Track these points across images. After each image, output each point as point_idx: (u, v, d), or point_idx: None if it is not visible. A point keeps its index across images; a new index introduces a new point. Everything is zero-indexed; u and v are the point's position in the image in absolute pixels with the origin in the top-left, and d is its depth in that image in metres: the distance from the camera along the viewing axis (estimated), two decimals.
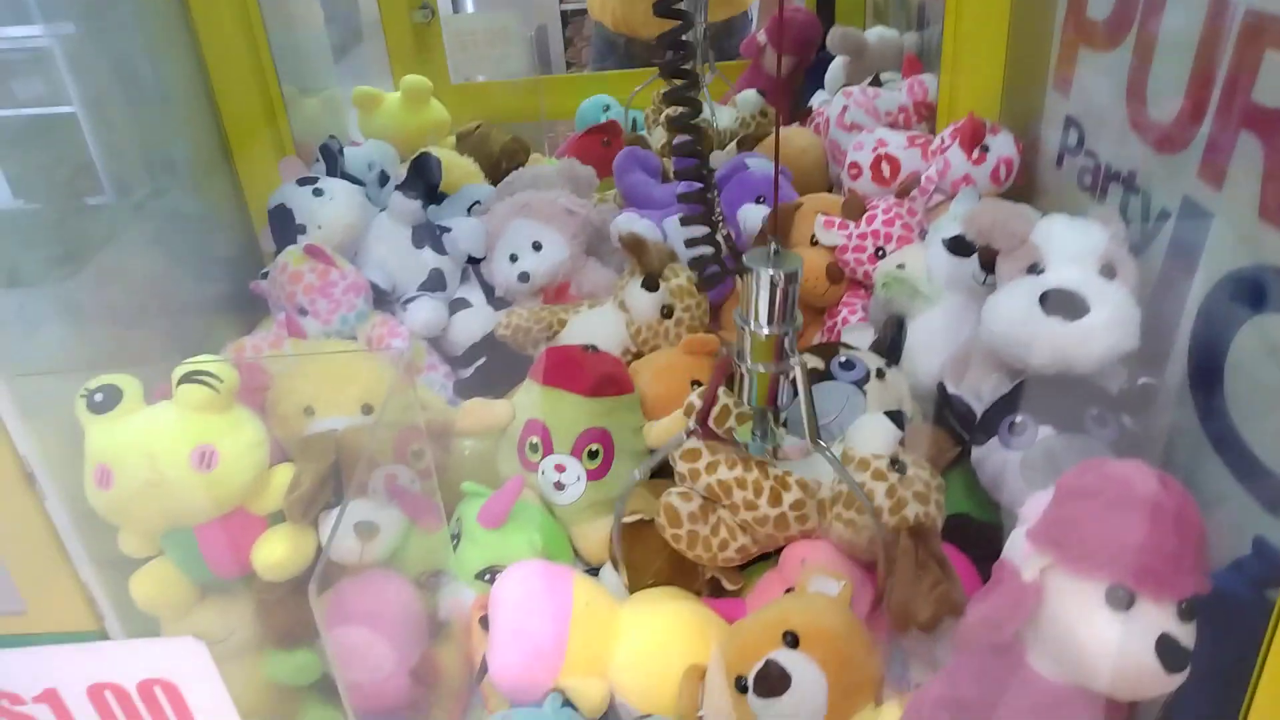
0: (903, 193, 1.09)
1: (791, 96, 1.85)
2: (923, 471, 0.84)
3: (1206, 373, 0.82)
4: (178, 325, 1.13)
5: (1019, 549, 0.64)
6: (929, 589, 0.71)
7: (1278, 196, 0.71)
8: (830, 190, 1.29)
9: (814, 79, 1.78)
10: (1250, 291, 0.77)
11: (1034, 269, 0.87)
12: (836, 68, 1.53)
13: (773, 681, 0.69)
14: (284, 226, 1.15)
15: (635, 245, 1.08)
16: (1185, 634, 0.57)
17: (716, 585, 0.87)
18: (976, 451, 0.87)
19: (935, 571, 0.73)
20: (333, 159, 1.22)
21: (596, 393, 0.95)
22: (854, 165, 1.14)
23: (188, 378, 0.81)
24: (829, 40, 1.51)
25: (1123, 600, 0.57)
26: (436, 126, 1.63)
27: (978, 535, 0.86)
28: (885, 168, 1.11)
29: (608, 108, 1.88)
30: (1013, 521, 0.76)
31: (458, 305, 1.21)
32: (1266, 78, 0.72)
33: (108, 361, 1.02)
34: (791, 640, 0.71)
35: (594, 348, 1.00)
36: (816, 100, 1.66)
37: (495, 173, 1.55)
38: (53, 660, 0.53)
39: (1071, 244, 0.87)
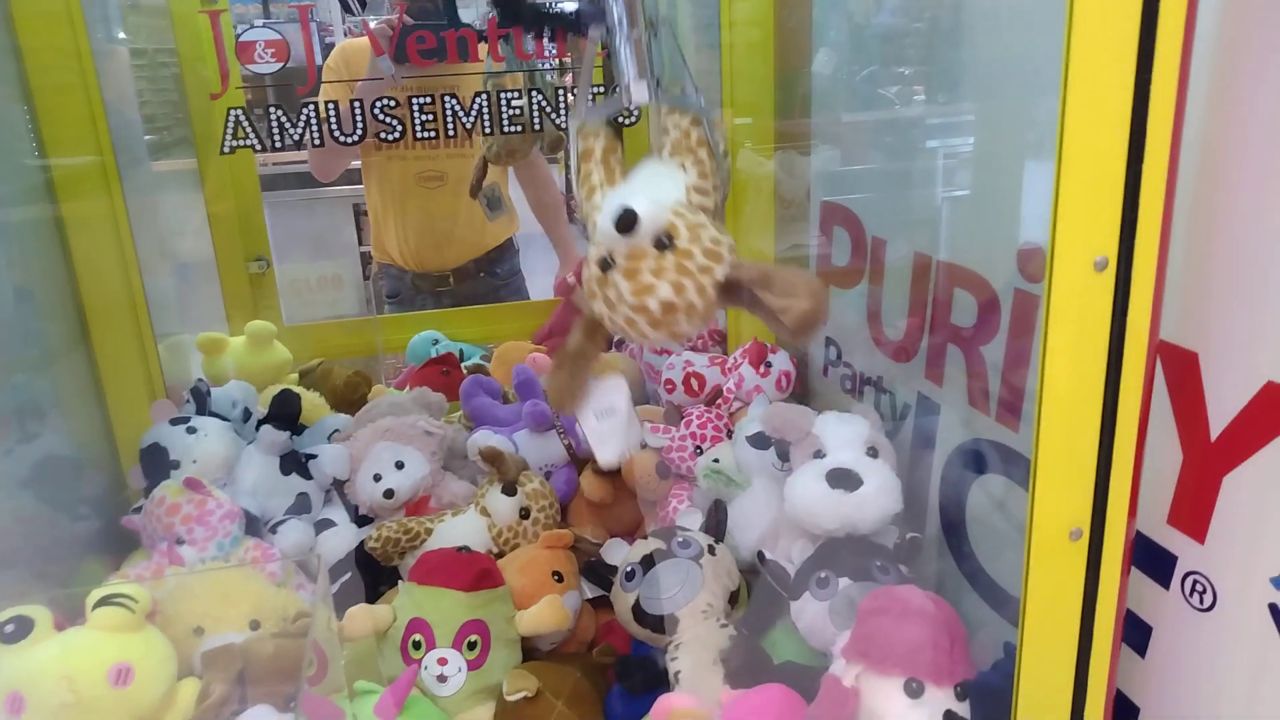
0: (710, 402, 1.33)
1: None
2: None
3: (954, 525, 1.08)
4: (48, 563, 1.17)
5: (839, 668, 0.83)
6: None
7: (979, 390, 1.00)
8: (648, 403, 1.52)
9: None
10: (973, 460, 1.04)
11: (818, 454, 1.12)
12: None
13: None
14: (157, 464, 1.23)
15: (494, 457, 1.25)
16: (963, 709, 0.77)
17: None
18: (794, 605, 1.07)
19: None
20: (202, 399, 1.32)
21: (475, 587, 1.08)
22: (669, 382, 1.38)
23: (105, 600, 0.89)
24: None
25: (916, 689, 0.77)
26: (279, 366, 1.76)
27: (804, 676, 1.04)
28: (694, 382, 1.36)
29: (437, 341, 2.07)
30: (829, 659, 0.96)
31: (322, 525, 1.31)
32: (958, 308, 1.02)
33: None
34: None
35: (467, 548, 1.14)
36: None
37: (340, 404, 1.68)
38: None
39: (843, 433, 1.12)
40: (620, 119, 1.07)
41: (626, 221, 0.89)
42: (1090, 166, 0.71)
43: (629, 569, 1.12)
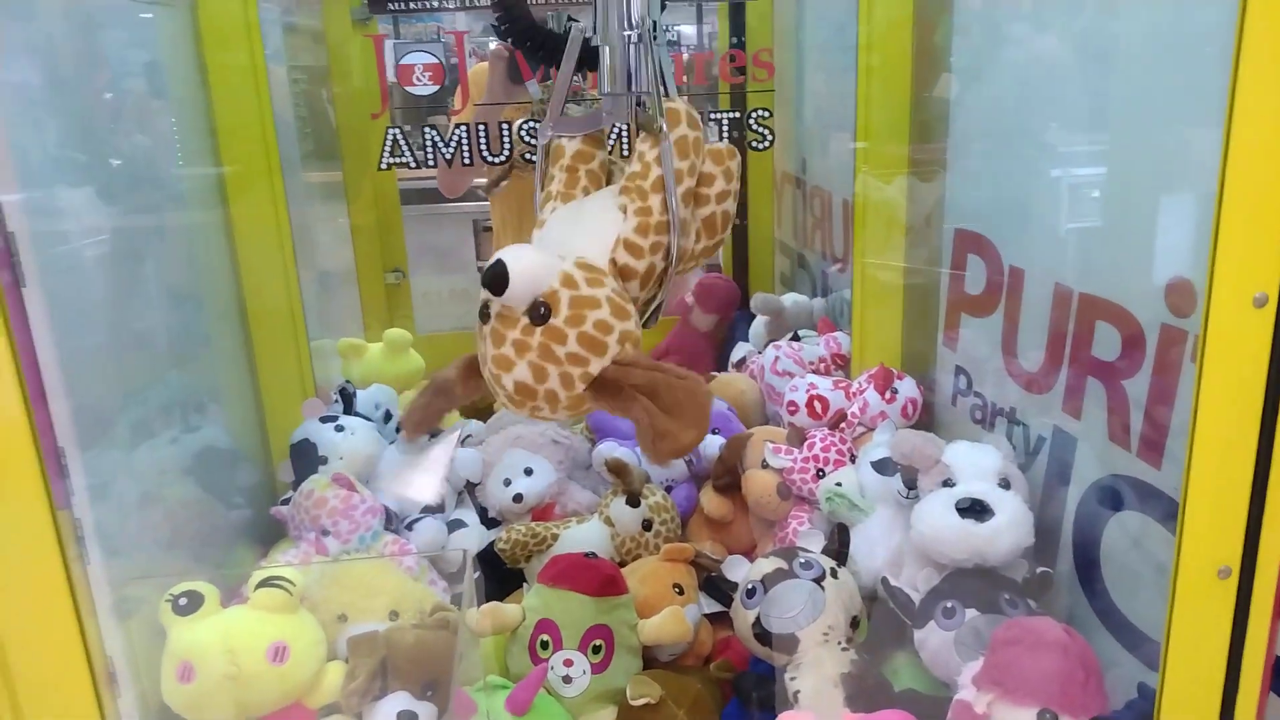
0: (833, 425, 1.34)
1: (716, 348, 2.15)
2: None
3: (1087, 562, 1.06)
4: (205, 547, 1.25)
5: (969, 695, 0.83)
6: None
7: (1120, 425, 0.98)
8: (767, 423, 1.54)
9: (734, 334, 2.09)
10: (1111, 496, 1.02)
11: (947, 483, 1.11)
12: (759, 326, 1.84)
13: None
14: (306, 458, 1.31)
15: (619, 468, 1.28)
16: None
17: None
18: (918, 634, 1.07)
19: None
20: (349, 399, 1.40)
21: (601, 593, 1.11)
22: (791, 404, 1.39)
23: (265, 582, 0.95)
24: (753, 304, 1.82)
25: None
26: (413, 373, 1.84)
27: (925, 705, 1.04)
28: (818, 405, 1.37)
29: None
30: (953, 689, 0.95)
31: (454, 525, 1.36)
32: (1099, 340, 1.01)
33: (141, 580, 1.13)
34: None
35: (594, 555, 1.17)
36: (739, 352, 1.95)
37: (467, 412, 1.75)
38: None
39: (974, 463, 1.11)
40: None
41: (494, 280, 0.76)
42: (1252, 201, 0.70)
43: (750, 586, 1.14)
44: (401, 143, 1.32)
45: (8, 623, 0.73)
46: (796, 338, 1.70)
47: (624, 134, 1.30)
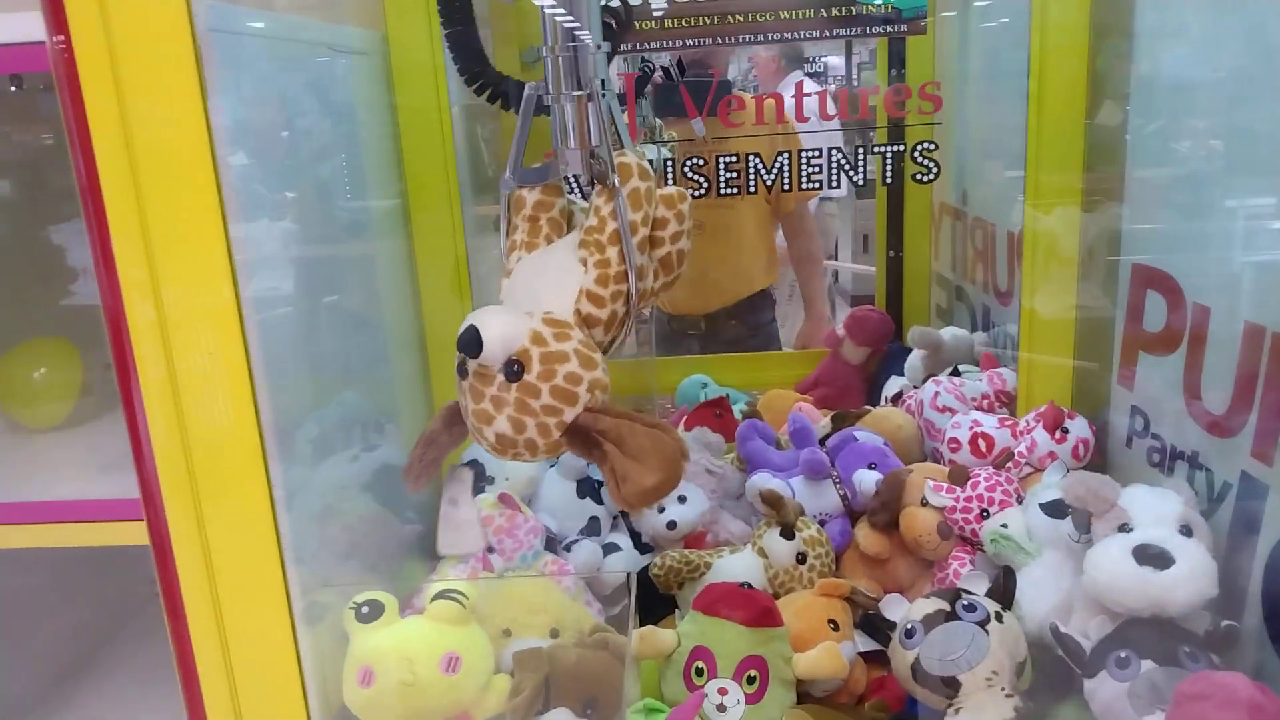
0: (1000, 465, 1.30)
1: (867, 382, 2.12)
2: None
3: (1278, 617, 0.99)
4: (379, 559, 1.33)
5: None
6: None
7: None
8: (925, 459, 1.51)
9: (887, 368, 2.06)
10: None
11: (1123, 528, 1.06)
12: (915, 360, 1.80)
13: None
14: (474, 478, 1.37)
15: (774, 500, 1.29)
16: None
17: None
18: (1089, 684, 1.02)
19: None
20: None
21: (757, 624, 1.11)
22: (954, 440, 1.36)
23: (441, 595, 1.01)
24: (910, 337, 1.79)
25: None
26: None
27: None
28: (982, 443, 1.33)
29: (705, 385, 2.15)
30: None
31: (609, 549, 1.40)
32: None
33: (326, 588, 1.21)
34: None
35: (750, 585, 1.18)
36: (893, 387, 1.91)
37: None
38: None
39: (1154, 508, 1.06)
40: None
41: (468, 344, 0.83)
42: None
43: (910, 626, 1.12)
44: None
45: (234, 619, 0.80)
46: (956, 373, 1.66)
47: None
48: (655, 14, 1.53)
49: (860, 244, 6.57)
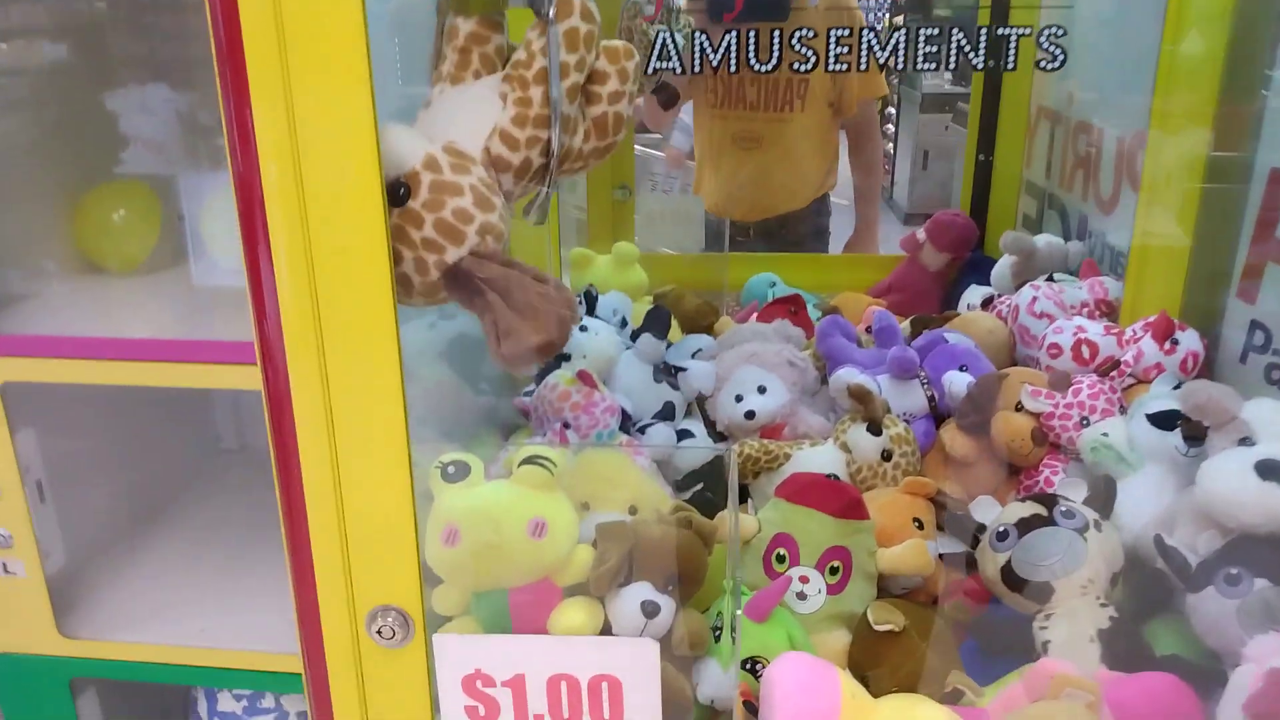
0: (1103, 373, 1.25)
1: (944, 289, 2.05)
2: None
3: None
4: (453, 428, 1.31)
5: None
6: None
7: None
8: (1015, 364, 1.45)
9: (965, 276, 1.98)
10: None
11: (1244, 441, 1.01)
12: (1004, 267, 1.73)
13: None
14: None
15: (863, 395, 1.24)
16: None
17: (956, 697, 0.97)
18: (1191, 598, 0.98)
19: None
20: (592, 302, 1.42)
21: (844, 515, 1.08)
22: (1054, 346, 1.30)
23: (529, 460, 0.98)
24: (1002, 242, 1.71)
25: None
26: (637, 286, 1.85)
27: (1192, 673, 0.96)
28: (1085, 350, 1.27)
29: (774, 284, 2.09)
30: (1226, 660, 0.88)
31: (682, 435, 1.36)
32: None
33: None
34: None
35: (836, 477, 1.15)
36: (973, 295, 1.84)
37: (688, 329, 1.75)
38: (526, 649, 0.67)
39: (1279, 423, 1.01)
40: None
41: None
42: None
43: (1002, 529, 1.08)
44: (670, 45, 1.31)
45: (352, 473, 0.77)
46: (1050, 279, 1.59)
47: None
48: None
49: (920, 160, 6.39)
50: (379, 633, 0.82)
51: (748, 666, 1.01)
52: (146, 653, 1.10)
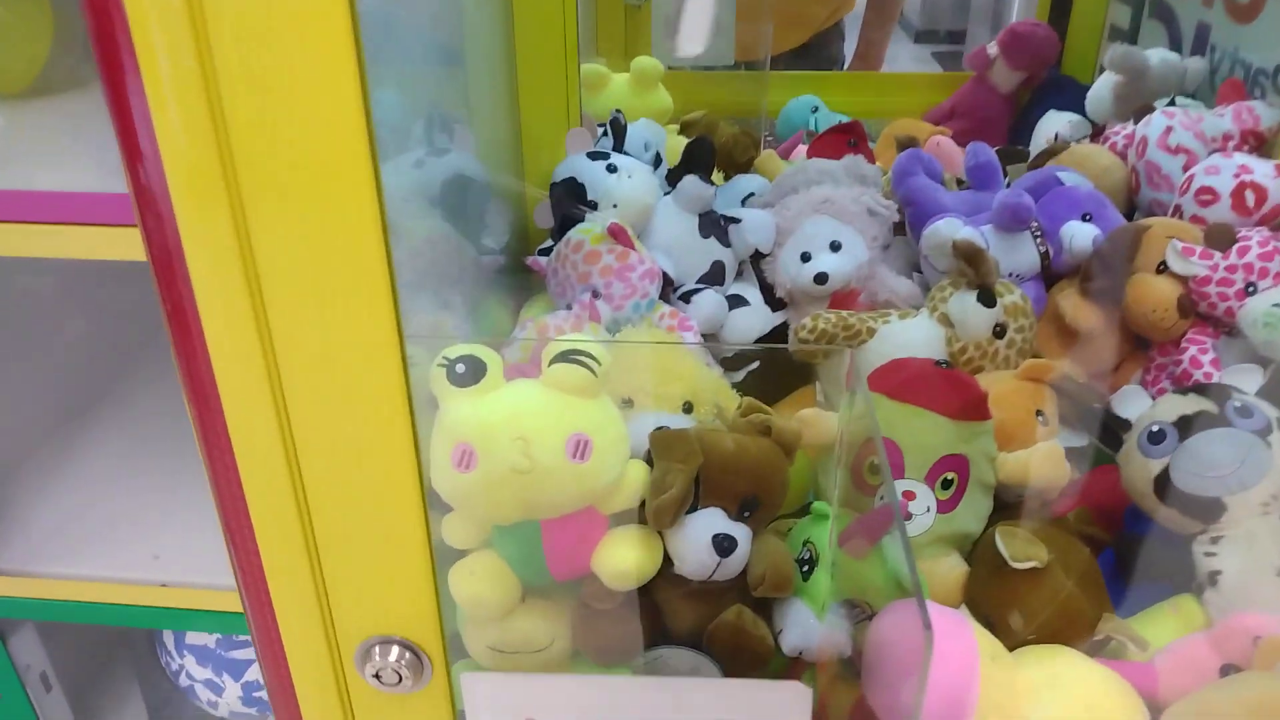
0: (1276, 226, 0.99)
1: (1013, 115, 1.76)
2: None
3: None
4: (452, 293, 1.05)
5: None
6: None
7: None
8: (1133, 215, 1.19)
9: (1040, 100, 1.69)
10: None
11: None
12: (1104, 90, 1.43)
13: None
14: (571, 202, 1.06)
15: (974, 254, 0.98)
16: None
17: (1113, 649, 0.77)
18: None
19: None
20: (621, 134, 1.13)
21: (964, 416, 0.85)
22: (1207, 190, 1.03)
23: (564, 357, 0.73)
24: (1108, 58, 1.41)
25: None
26: (661, 112, 1.55)
27: None
28: (1250, 196, 1.01)
29: (816, 109, 1.79)
30: None
31: (734, 302, 1.11)
32: None
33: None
34: None
35: (948, 363, 0.91)
36: (1053, 123, 1.56)
37: (723, 166, 1.46)
38: (614, 694, 0.44)
39: None
40: None
41: None
42: None
43: (1157, 428, 0.85)
44: None
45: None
46: (1150, 109, 1.30)
47: None
48: None
49: None
50: (377, 676, 0.58)
51: (844, 612, 0.80)
52: (86, 590, 0.88)
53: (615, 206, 1.05)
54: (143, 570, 0.87)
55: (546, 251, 1.08)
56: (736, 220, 1.11)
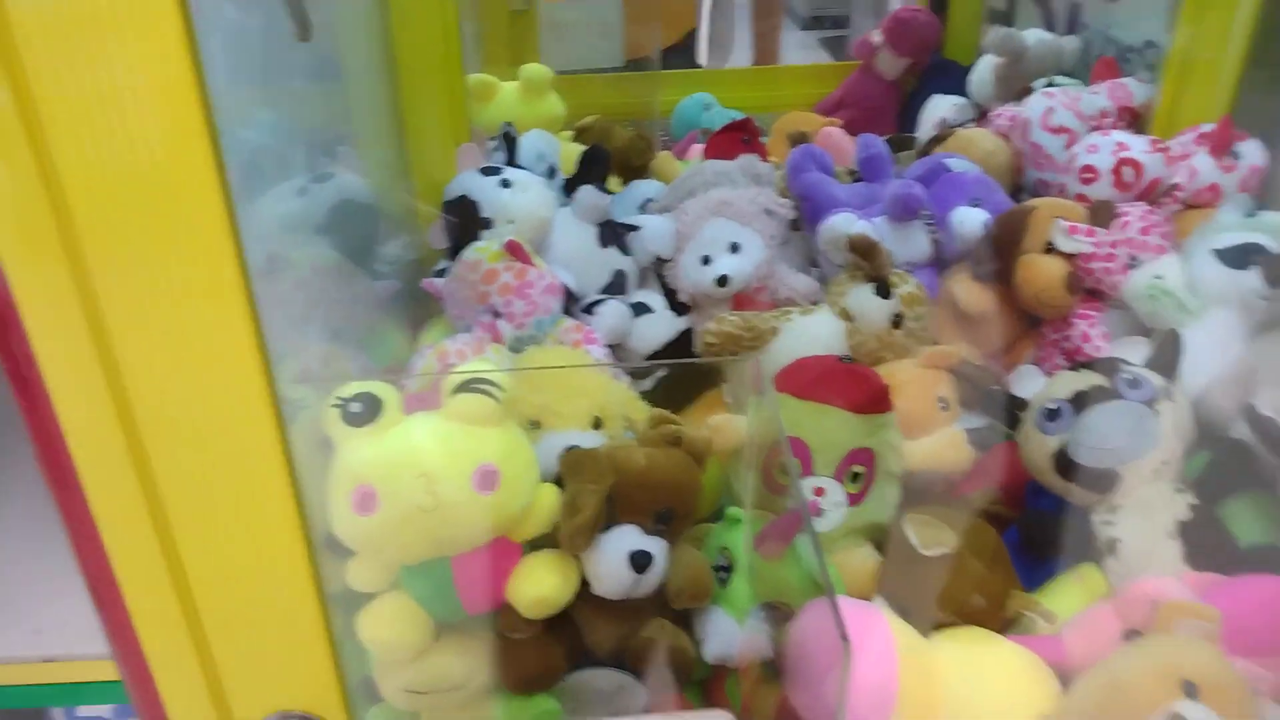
0: (1154, 200, 1.02)
1: (901, 102, 1.79)
2: None
3: None
4: (345, 323, 1.02)
5: None
6: None
7: None
8: (1019, 195, 1.22)
9: (925, 85, 1.73)
10: None
11: None
12: (985, 72, 1.47)
13: None
14: (465, 220, 1.04)
15: (868, 248, 1.00)
16: None
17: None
18: None
19: None
20: (513, 147, 1.11)
21: (867, 409, 0.86)
22: (1089, 169, 1.07)
23: (466, 387, 0.71)
24: (987, 41, 1.45)
25: None
26: (553, 119, 1.53)
27: None
28: (1127, 172, 1.04)
29: (709, 106, 1.80)
30: None
31: (638, 310, 1.11)
32: None
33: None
34: (1190, 690, 0.64)
35: (850, 358, 0.92)
36: (938, 108, 1.60)
37: (619, 171, 1.46)
38: None
39: None
40: None
41: None
42: None
43: (1053, 405, 0.88)
44: None
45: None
46: (1028, 91, 1.34)
47: None
48: None
49: None
50: None
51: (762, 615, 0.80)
52: None
53: (512, 223, 1.04)
54: (24, 647, 0.82)
55: (443, 273, 1.06)
56: (635, 228, 1.10)
